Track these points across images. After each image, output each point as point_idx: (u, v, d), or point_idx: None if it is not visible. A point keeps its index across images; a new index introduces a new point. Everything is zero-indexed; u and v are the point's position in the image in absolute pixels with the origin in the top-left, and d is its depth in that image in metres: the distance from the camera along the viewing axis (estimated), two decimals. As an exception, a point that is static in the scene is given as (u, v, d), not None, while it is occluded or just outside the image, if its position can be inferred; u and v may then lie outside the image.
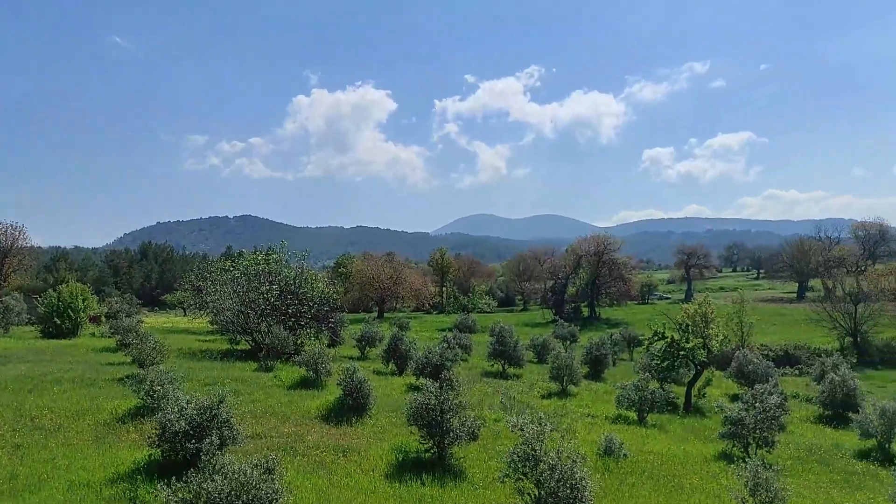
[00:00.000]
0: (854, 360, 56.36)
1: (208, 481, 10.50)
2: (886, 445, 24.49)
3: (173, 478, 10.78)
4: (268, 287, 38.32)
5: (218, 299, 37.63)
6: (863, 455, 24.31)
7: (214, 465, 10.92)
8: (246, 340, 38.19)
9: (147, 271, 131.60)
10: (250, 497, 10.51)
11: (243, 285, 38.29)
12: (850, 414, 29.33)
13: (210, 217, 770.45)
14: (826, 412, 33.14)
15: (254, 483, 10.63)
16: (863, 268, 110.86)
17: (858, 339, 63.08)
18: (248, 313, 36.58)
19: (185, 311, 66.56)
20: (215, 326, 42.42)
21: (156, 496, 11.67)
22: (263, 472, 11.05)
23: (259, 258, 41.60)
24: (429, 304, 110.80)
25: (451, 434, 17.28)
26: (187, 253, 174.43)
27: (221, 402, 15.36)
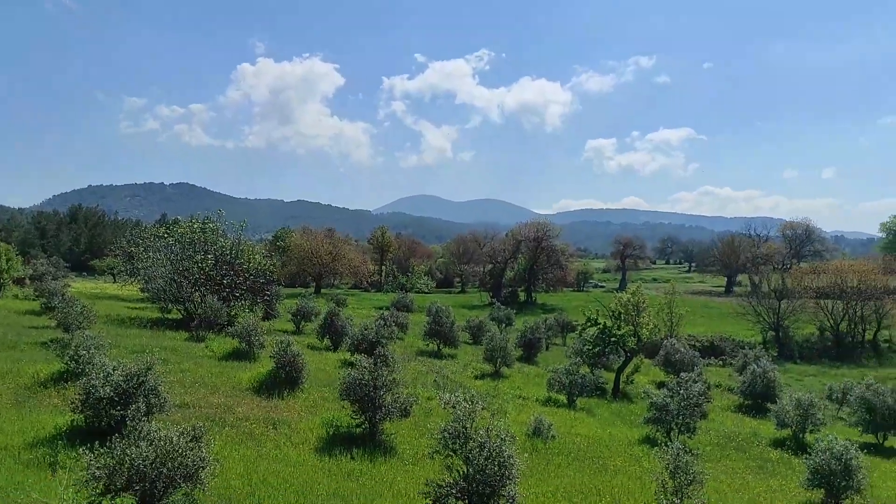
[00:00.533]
0: (775, 354, 58.66)
1: (132, 447, 10.25)
2: (801, 435, 25.60)
3: (96, 443, 10.49)
4: (203, 256, 37.54)
5: (150, 266, 36.70)
6: (778, 443, 25.37)
7: (139, 432, 10.67)
8: (178, 309, 37.33)
9: (76, 235, 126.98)
10: (176, 465, 10.32)
11: (177, 253, 37.41)
12: (768, 404, 30.53)
13: (145, 183, 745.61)
14: (746, 402, 34.43)
15: (180, 451, 10.43)
16: (788, 266, 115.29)
17: (780, 333, 65.64)
18: (181, 282, 35.74)
19: (114, 278, 64.56)
20: (146, 294, 41.36)
21: (77, 461, 11.35)
22: (190, 441, 10.85)
23: (195, 227, 40.63)
24: (367, 281, 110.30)
25: (384, 410, 17.32)
26: (120, 218, 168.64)
27: (149, 369, 15.03)
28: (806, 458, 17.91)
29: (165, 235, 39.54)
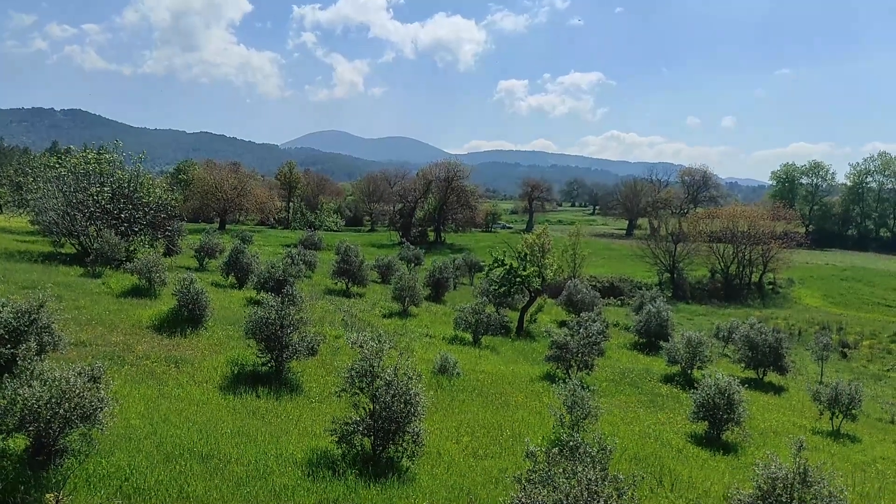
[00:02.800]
0: (669, 294, 61.71)
1: (25, 387, 9.86)
2: (689, 371, 27.22)
3: (-16, 384, 10.04)
4: (98, 189, 35.71)
5: (41, 198, 34.64)
6: (668, 379, 26.90)
7: (32, 372, 10.25)
8: (72, 244, 35.52)
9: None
10: (72, 405, 9.99)
11: (70, 185, 35.38)
12: (661, 342, 32.22)
13: (34, 108, 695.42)
14: (641, 340, 36.17)
15: (77, 391, 10.10)
16: (685, 210, 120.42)
17: (675, 275, 68.97)
18: (74, 215, 33.94)
19: (0, 209, 60.76)
20: (36, 227, 39.14)
21: (-38, 403, 10.83)
22: (87, 381, 10.52)
23: (90, 157, 38.43)
24: (274, 218, 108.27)
25: (290, 349, 17.25)
26: (5, 145, 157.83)
27: (41, 306, 14.34)
28: (693, 393, 19.08)
29: (57, 165, 37.25)
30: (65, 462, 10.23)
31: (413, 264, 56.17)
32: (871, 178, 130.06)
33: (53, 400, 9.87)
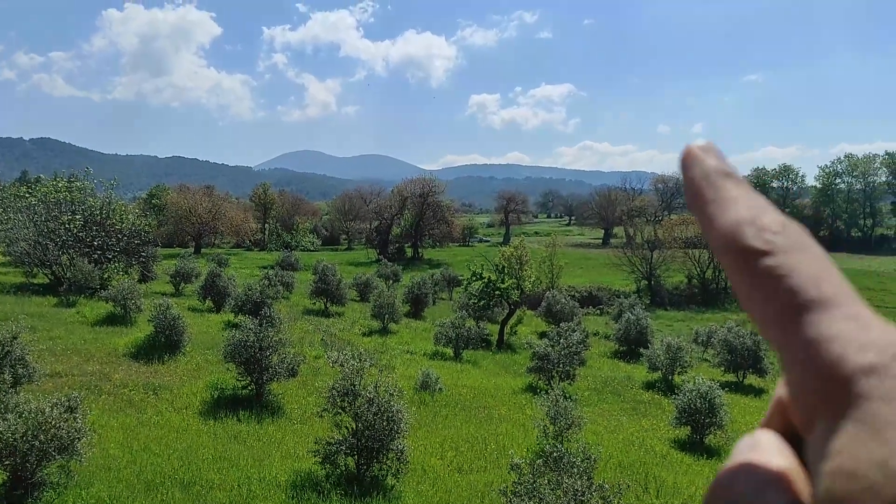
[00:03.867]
0: (648, 302, 62.04)
1: (0, 421, 9.71)
2: (669, 377, 27.37)
3: (-43, 419, 9.84)
4: (70, 217, 35.32)
5: (11, 229, 34.18)
6: (649, 386, 27.02)
7: (7, 405, 10.09)
8: (44, 273, 35.06)
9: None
10: (49, 437, 9.85)
11: (41, 214, 34.98)
12: (641, 350, 32.38)
13: (2, 138, 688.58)
14: (621, 348, 36.32)
15: (53, 422, 9.95)
16: (660, 217, 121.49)
17: (652, 282, 69.49)
18: (46, 244, 33.52)
19: (-30, 241, 59.77)
20: (8, 258, 38.59)
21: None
22: (64, 411, 10.37)
23: (60, 185, 38.05)
24: (250, 240, 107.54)
25: (270, 371, 17.10)
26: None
27: (15, 338, 14.15)
28: (674, 399, 19.19)
29: (27, 195, 36.83)
30: (43, 495, 10.07)
31: (391, 281, 56.02)
32: (839, 180, 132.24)
33: (30, 432, 9.72)
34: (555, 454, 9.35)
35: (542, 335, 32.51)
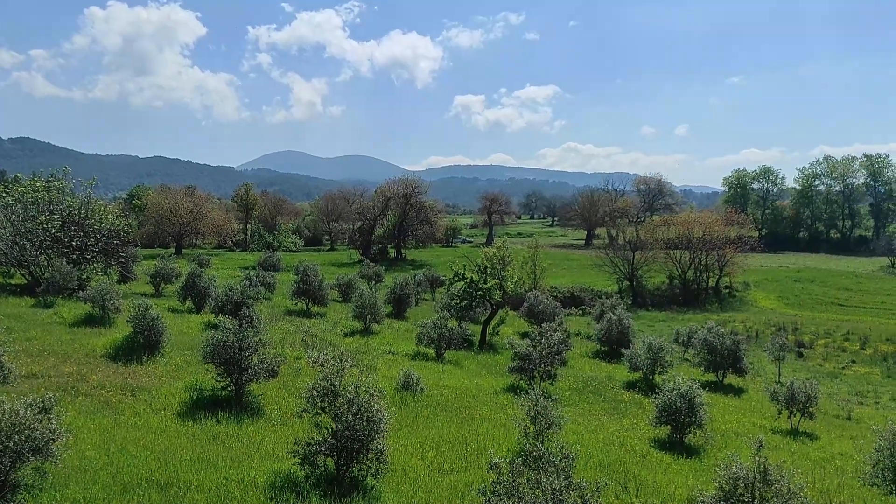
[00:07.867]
0: (629, 302, 62.38)
1: (-28, 423, 9.56)
2: (650, 377, 27.52)
3: (-72, 421, 9.68)
4: (48, 217, 34.93)
5: (-12, 229, 33.74)
6: (630, 386, 27.16)
7: (-21, 407, 9.93)
8: (21, 274, 34.67)
9: None
10: (23, 438, 9.71)
11: (19, 214, 34.57)
12: (622, 350, 32.55)
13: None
14: (603, 348, 36.50)
15: (26, 423, 9.82)
16: (642, 219, 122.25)
17: (634, 283, 69.85)
18: (24, 244, 33.13)
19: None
20: (-16, 259, 38.08)
21: None
22: (38, 412, 10.24)
23: (38, 185, 37.59)
24: (232, 241, 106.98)
25: (250, 371, 16.98)
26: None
27: (-11, 339, 13.95)
28: (654, 398, 19.29)
29: (4, 195, 36.35)
30: (17, 497, 9.93)
31: (374, 282, 55.89)
32: (818, 182, 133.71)
33: (3, 433, 9.58)
34: (534, 453, 9.35)
35: (524, 335, 32.54)
